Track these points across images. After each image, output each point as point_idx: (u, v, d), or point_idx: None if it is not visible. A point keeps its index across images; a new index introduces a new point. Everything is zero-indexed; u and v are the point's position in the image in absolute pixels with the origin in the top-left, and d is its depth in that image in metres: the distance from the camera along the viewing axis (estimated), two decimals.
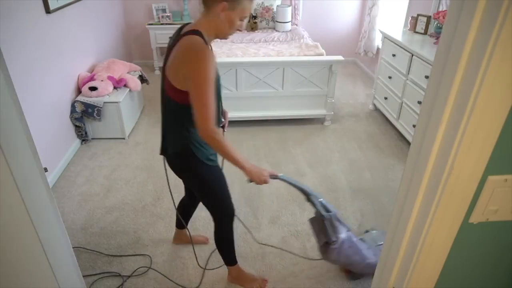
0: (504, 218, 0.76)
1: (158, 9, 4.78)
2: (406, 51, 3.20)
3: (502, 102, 0.61)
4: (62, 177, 2.91)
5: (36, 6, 2.66)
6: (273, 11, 4.65)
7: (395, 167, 3.06)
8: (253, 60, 3.35)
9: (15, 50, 2.40)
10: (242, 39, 4.32)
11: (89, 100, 3.18)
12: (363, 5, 5.12)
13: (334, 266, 2.09)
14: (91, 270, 2.12)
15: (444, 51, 0.65)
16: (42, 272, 0.97)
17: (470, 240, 0.79)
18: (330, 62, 3.39)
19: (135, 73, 3.80)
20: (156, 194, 2.73)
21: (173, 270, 2.13)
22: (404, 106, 3.27)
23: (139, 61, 5.24)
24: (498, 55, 0.56)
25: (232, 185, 2.27)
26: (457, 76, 0.62)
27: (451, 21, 0.63)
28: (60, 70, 3.04)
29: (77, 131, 3.27)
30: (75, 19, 3.34)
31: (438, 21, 3.25)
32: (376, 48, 4.72)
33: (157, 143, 3.37)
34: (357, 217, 2.52)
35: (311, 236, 2.30)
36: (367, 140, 3.46)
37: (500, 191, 0.72)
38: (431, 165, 0.72)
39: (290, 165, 3.08)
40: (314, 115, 3.68)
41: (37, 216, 0.89)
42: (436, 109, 0.68)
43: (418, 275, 0.84)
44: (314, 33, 5.16)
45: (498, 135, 0.64)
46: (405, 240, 0.84)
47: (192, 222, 2.46)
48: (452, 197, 0.71)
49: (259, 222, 2.47)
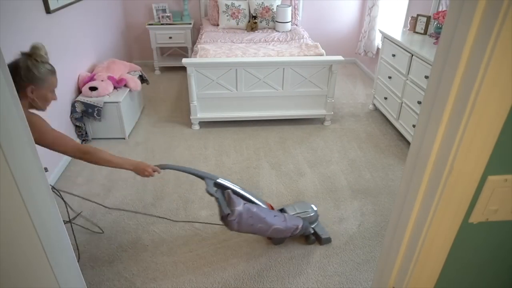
0: (504, 218, 0.76)
1: (158, 9, 4.78)
2: (406, 51, 3.20)
3: (502, 102, 0.61)
4: (62, 177, 2.91)
5: (36, 6, 2.66)
6: (273, 11, 4.65)
7: (395, 167, 3.06)
8: (253, 60, 3.35)
9: (15, 50, 2.40)
10: (242, 39, 4.32)
11: (89, 100, 3.18)
12: (363, 5, 5.12)
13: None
14: (91, 270, 2.12)
15: (444, 51, 0.65)
16: (42, 272, 0.97)
17: (470, 240, 0.79)
18: (330, 62, 3.39)
19: (135, 73, 3.80)
20: (156, 194, 2.73)
21: (173, 269, 2.13)
22: (404, 106, 3.27)
23: (139, 61, 5.24)
24: (498, 55, 0.56)
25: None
26: (457, 76, 0.62)
27: (451, 21, 0.63)
28: (60, 70, 3.03)
29: (77, 131, 3.27)
30: (75, 19, 3.34)
31: (438, 21, 3.25)
32: (376, 48, 4.72)
33: (157, 143, 3.38)
34: (357, 217, 2.52)
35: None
36: (367, 140, 3.46)
37: (500, 191, 0.72)
38: (431, 165, 0.72)
39: (290, 165, 3.08)
40: (314, 115, 3.68)
41: (37, 216, 0.89)
42: (436, 109, 0.68)
43: (418, 275, 0.84)
44: (314, 33, 5.16)
45: (498, 135, 0.65)
46: (405, 240, 0.84)
47: (191, 221, 2.46)
48: (452, 197, 0.71)
49: None
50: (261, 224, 2.01)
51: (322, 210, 2.58)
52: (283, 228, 2.08)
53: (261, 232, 2.05)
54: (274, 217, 2.06)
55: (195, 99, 3.46)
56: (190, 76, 3.32)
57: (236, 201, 1.93)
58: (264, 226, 2.02)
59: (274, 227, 2.05)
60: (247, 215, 1.95)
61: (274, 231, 2.07)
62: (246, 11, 4.66)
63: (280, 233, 2.10)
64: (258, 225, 2.00)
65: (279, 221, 2.08)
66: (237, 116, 3.59)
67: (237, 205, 1.92)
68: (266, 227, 2.03)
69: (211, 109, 3.56)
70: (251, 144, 3.37)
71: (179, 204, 2.61)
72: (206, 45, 3.89)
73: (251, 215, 1.97)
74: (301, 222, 2.16)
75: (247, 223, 1.96)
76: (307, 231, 2.23)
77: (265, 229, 2.03)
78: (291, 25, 4.69)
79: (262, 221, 2.01)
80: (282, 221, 2.09)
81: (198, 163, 3.09)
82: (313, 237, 2.28)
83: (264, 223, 2.01)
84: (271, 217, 2.05)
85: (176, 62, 4.91)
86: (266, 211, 2.07)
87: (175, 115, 3.88)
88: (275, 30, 4.66)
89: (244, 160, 3.14)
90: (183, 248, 2.27)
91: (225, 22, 4.63)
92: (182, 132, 3.57)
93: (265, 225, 2.02)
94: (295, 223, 2.14)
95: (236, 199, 1.95)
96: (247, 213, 1.95)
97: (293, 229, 2.13)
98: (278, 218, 2.09)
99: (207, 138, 3.47)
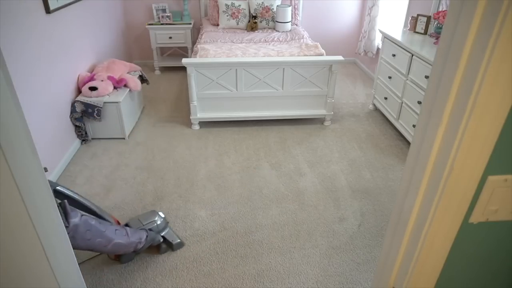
0: (504, 218, 0.76)
1: (158, 9, 4.78)
2: (406, 51, 3.20)
3: (502, 102, 0.61)
4: (62, 177, 2.91)
5: (36, 6, 2.66)
6: (273, 11, 4.65)
7: (395, 167, 3.06)
8: (253, 60, 3.35)
9: (15, 50, 2.41)
10: (242, 39, 4.32)
11: (89, 100, 3.18)
12: (363, 5, 5.12)
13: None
14: (91, 269, 2.12)
15: (444, 51, 0.65)
16: (42, 272, 0.97)
17: (470, 240, 0.79)
18: (330, 62, 3.39)
19: (135, 73, 3.80)
20: (156, 194, 2.73)
21: (173, 269, 2.13)
22: (404, 106, 3.27)
23: (139, 61, 5.24)
24: (498, 55, 0.56)
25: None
26: (457, 76, 0.62)
27: (451, 21, 0.63)
28: (60, 70, 3.04)
29: (77, 131, 3.27)
30: (75, 19, 3.34)
31: (438, 21, 3.25)
32: (376, 48, 4.72)
33: (157, 143, 3.38)
34: (357, 217, 2.52)
35: None
36: (367, 140, 3.46)
37: (500, 191, 0.72)
38: (431, 165, 0.72)
39: (290, 165, 3.08)
40: (314, 115, 3.68)
41: (37, 216, 0.89)
42: (436, 109, 0.68)
43: (418, 275, 0.84)
44: (314, 33, 5.16)
45: (498, 135, 0.64)
46: (405, 240, 0.84)
47: (191, 222, 2.46)
48: (452, 197, 0.71)
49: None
50: (100, 239, 1.86)
51: (322, 210, 2.58)
52: (125, 243, 1.97)
53: (99, 248, 1.90)
54: (115, 231, 1.94)
55: (195, 99, 3.46)
56: (190, 76, 3.32)
57: (72, 213, 1.75)
58: (103, 241, 1.88)
59: (114, 241, 1.92)
60: (84, 228, 1.79)
61: (115, 246, 1.94)
62: (246, 11, 4.66)
63: (122, 248, 1.97)
64: (96, 239, 1.85)
65: (121, 236, 1.96)
66: (237, 116, 3.59)
67: (73, 217, 1.74)
68: (105, 242, 1.89)
69: (211, 109, 3.56)
70: (251, 144, 3.37)
71: (179, 204, 2.62)
72: (206, 45, 3.89)
73: (89, 228, 1.81)
74: (145, 235, 2.08)
75: (84, 237, 1.80)
76: (155, 241, 2.16)
77: (104, 244, 1.90)
78: (291, 25, 4.69)
79: (101, 235, 1.87)
80: (124, 235, 1.97)
81: (198, 163, 3.09)
82: (164, 245, 2.23)
83: (103, 237, 1.88)
84: (111, 231, 1.92)
85: (176, 62, 4.91)
86: (107, 224, 1.94)
87: (175, 115, 3.88)
88: (275, 30, 4.66)
89: (244, 160, 3.14)
90: (183, 248, 2.27)
91: (225, 22, 4.63)
92: (182, 132, 3.57)
93: (104, 240, 1.88)
94: (138, 236, 2.05)
95: (73, 210, 1.77)
96: (84, 225, 1.79)
97: (136, 243, 2.03)
98: (120, 232, 1.97)
99: (207, 138, 3.47)
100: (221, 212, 2.55)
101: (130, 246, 2.01)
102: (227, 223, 2.46)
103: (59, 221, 1.01)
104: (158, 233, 2.20)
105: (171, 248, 2.25)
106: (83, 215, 1.82)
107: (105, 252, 1.97)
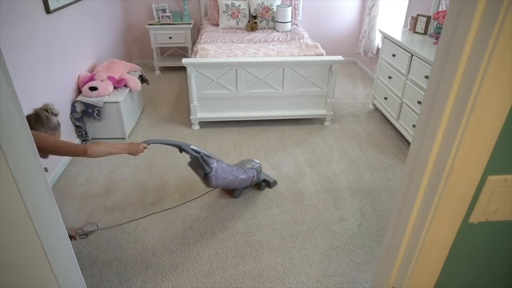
0: (504, 218, 0.76)
1: (158, 9, 4.78)
2: (406, 51, 3.20)
3: (502, 102, 0.61)
4: (62, 177, 2.91)
5: (36, 6, 2.66)
6: (273, 11, 4.65)
7: (395, 167, 3.06)
8: (253, 60, 3.35)
9: (15, 50, 2.41)
10: (242, 39, 4.32)
11: (89, 100, 3.17)
12: (363, 5, 5.12)
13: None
14: (91, 270, 2.12)
15: (444, 51, 0.65)
16: (42, 272, 0.97)
17: (470, 240, 0.79)
18: (330, 62, 3.39)
19: (135, 73, 3.80)
20: (156, 194, 2.73)
21: (173, 269, 2.13)
22: (404, 106, 3.27)
23: (139, 61, 5.24)
24: (498, 55, 0.56)
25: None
26: (457, 76, 0.62)
27: (451, 21, 0.63)
28: (60, 70, 3.04)
29: (77, 131, 3.27)
30: (75, 19, 3.34)
31: (438, 21, 3.25)
32: (376, 48, 4.72)
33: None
34: (357, 217, 2.52)
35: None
36: (367, 140, 3.46)
37: (500, 191, 0.72)
38: (431, 165, 0.72)
39: (290, 165, 3.08)
40: (314, 115, 3.68)
41: (37, 216, 0.89)
42: (436, 109, 0.68)
43: (418, 275, 0.84)
44: (314, 33, 5.16)
45: (498, 135, 0.64)
46: (405, 240, 0.84)
47: (191, 221, 2.46)
48: (452, 197, 0.71)
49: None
50: (231, 176, 2.41)
51: (322, 210, 2.58)
52: (246, 177, 2.52)
53: (231, 184, 2.44)
54: (237, 170, 2.49)
55: (195, 99, 3.46)
56: (190, 76, 3.32)
57: (210, 161, 2.29)
58: (233, 178, 2.43)
59: (240, 177, 2.47)
60: (221, 170, 2.34)
61: (240, 181, 2.49)
62: (246, 11, 4.66)
63: (244, 182, 2.52)
64: (229, 177, 2.40)
65: (242, 172, 2.50)
66: (237, 116, 3.59)
67: (211, 163, 2.29)
68: (235, 178, 2.44)
69: (211, 109, 3.56)
70: (251, 144, 3.37)
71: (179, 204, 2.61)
72: (206, 45, 3.89)
73: (224, 170, 2.37)
74: (255, 172, 2.59)
75: (222, 177, 2.35)
76: (259, 178, 2.66)
77: (234, 180, 2.44)
78: (291, 25, 4.69)
79: (231, 174, 2.41)
80: (244, 172, 2.52)
81: None
82: (263, 184, 2.74)
83: (233, 175, 2.42)
84: (236, 170, 2.47)
85: (176, 62, 4.91)
86: (231, 166, 2.48)
87: (175, 115, 3.88)
88: (275, 30, 4.66)
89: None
90: (183, 248, 2.27)
91: (225, 22, 4.63)
92: (182, 132, 3.57)
93: (233, 177, 2.43)
94: (252, 172, 2.57)
95: (210, 159, 2.29)
96: (220, 168, 2.34)
97: (252, 177, 2.56)
98: (241, 170, 2.51)
99: (207, 138, 3.47)
100: (221, 212, 2.56)
101: (248, 180, 2.55)
102: (227, 223, 2.46)
103: (59, 221, 1.01)
104: (259, 173, 2.67)
105: (268, 186, 2.77)
106: (217, 161, 2.34)
107: (235, 187, 2.53)
